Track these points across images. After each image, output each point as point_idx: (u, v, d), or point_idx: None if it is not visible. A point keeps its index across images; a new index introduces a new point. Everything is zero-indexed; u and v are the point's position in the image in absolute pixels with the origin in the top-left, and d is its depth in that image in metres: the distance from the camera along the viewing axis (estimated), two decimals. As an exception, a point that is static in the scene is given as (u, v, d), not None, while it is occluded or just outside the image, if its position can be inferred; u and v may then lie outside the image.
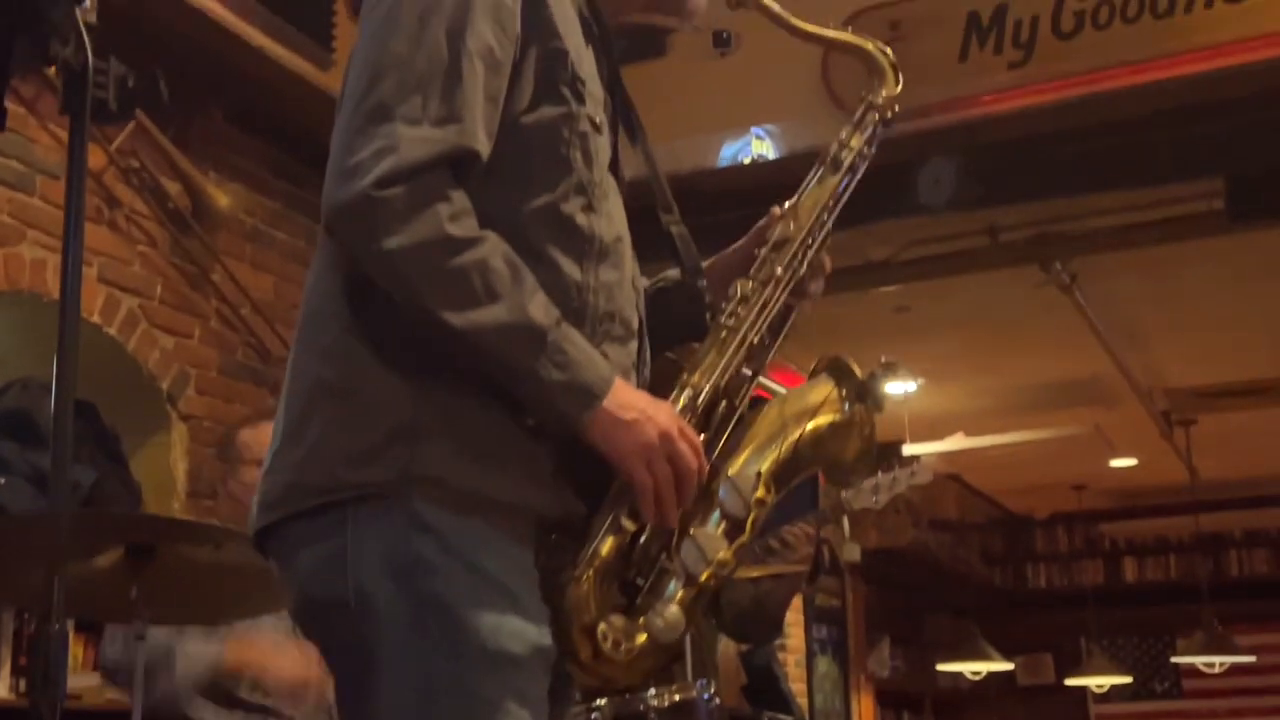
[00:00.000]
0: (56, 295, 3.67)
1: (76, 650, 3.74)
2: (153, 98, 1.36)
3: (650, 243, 1.84)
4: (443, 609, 1.44)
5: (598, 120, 1.63)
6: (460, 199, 1.48)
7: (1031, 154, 4.78)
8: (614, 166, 1.70)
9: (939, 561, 10.00)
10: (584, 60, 1.65)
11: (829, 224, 1.80)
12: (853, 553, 7.24)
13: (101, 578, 2.33)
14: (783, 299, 1.72)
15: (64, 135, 1.26)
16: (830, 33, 1.90)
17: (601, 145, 1.64)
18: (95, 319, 3.90)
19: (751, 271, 1.74)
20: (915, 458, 4.96)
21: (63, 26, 1.26)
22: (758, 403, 1.75)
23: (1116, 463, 9.96)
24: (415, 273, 1.45)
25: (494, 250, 1.48)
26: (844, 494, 4.67)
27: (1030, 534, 11.81)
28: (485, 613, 1.44)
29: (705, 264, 1.87)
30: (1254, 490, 10.43)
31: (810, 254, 1.76)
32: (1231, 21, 4.28)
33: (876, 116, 1.88)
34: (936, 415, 8.48)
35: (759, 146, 5.22)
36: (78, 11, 1.26)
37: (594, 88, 1.65)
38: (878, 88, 1.90)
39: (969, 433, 8.64)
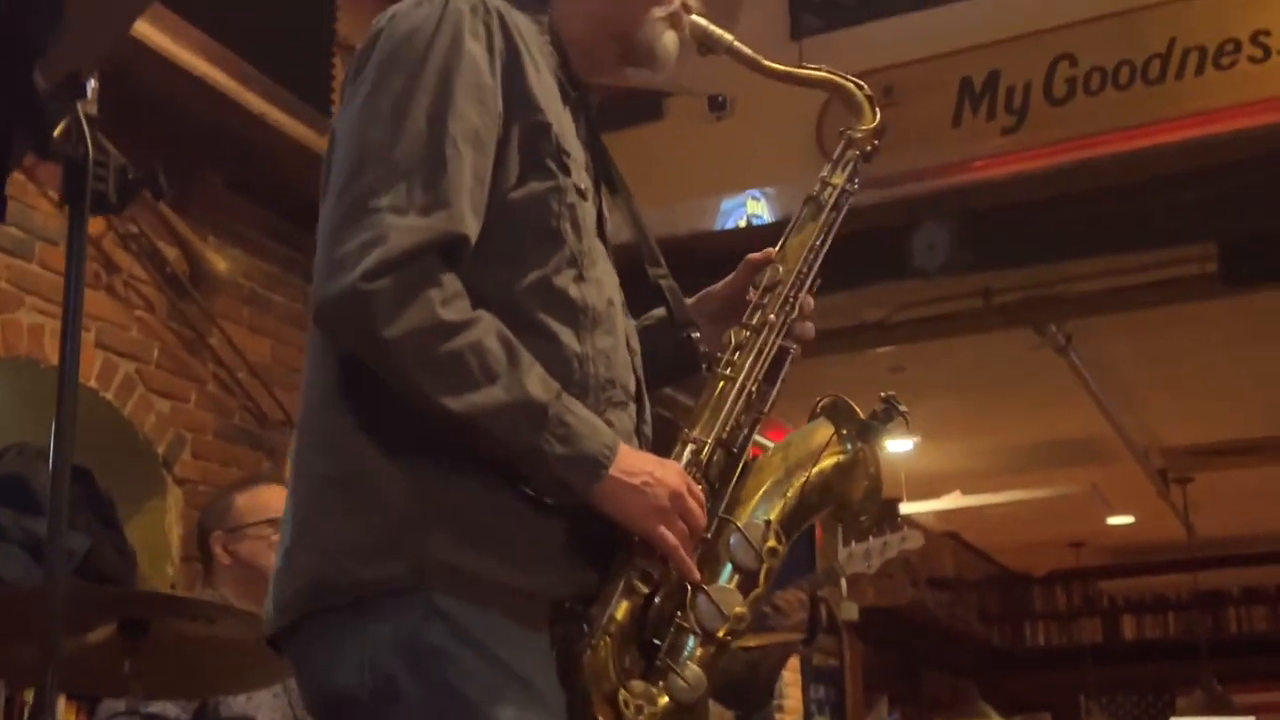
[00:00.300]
0: (53, 360, 3.68)
1: (69, 720, 3.71)
2: (153, 188, 1.36)
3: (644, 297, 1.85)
4: (462, 702, 1.43)
5: (583, 187, 1.64)
6: (451, 282, 1.47)
7: (1025, 219, 4.82)
8: (601, 228, 1.71)
9: (936, 620, 9.97)
10: (565, 127, 1.65)
11: (817, 264, 1.79)
12: (850, 612, 7.26)
13: (94, 652, 2.31)
14: (777, 344, 1.72)
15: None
16: (803, 71, 1.90)
17: (588, 210, 1.64)
18: (92, 383, 3.91)
19: (744, 319, 1.73)
20: (905, 519, 4.95)
21: (63, 119, 1.28)
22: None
23: (1114, 520, 9.96)
24: (411, 361, 1.44)
25: (488, 330, 1.47)
26: (837, 560, 4.67)
27: (1028, 592, 11.78)
28: (504, 706, 1.43)
29: (693, 300, 1.88)
30: (1251, 547, 10.43)
31: (801, 295, 1.76)
32: (1222, 88, 4.32)
33: (856, 152, 1.86)
34: (933, 474, 8.49)
35: (754, 208, 5.26)
36: (79, 105, 1.28)
37: (576, 153, 1.65)
38: (855, 123, 1.87)
39: (965, 491, 8.65)
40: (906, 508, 8.74)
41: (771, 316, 1.72)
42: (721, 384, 1.68)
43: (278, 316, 4.68)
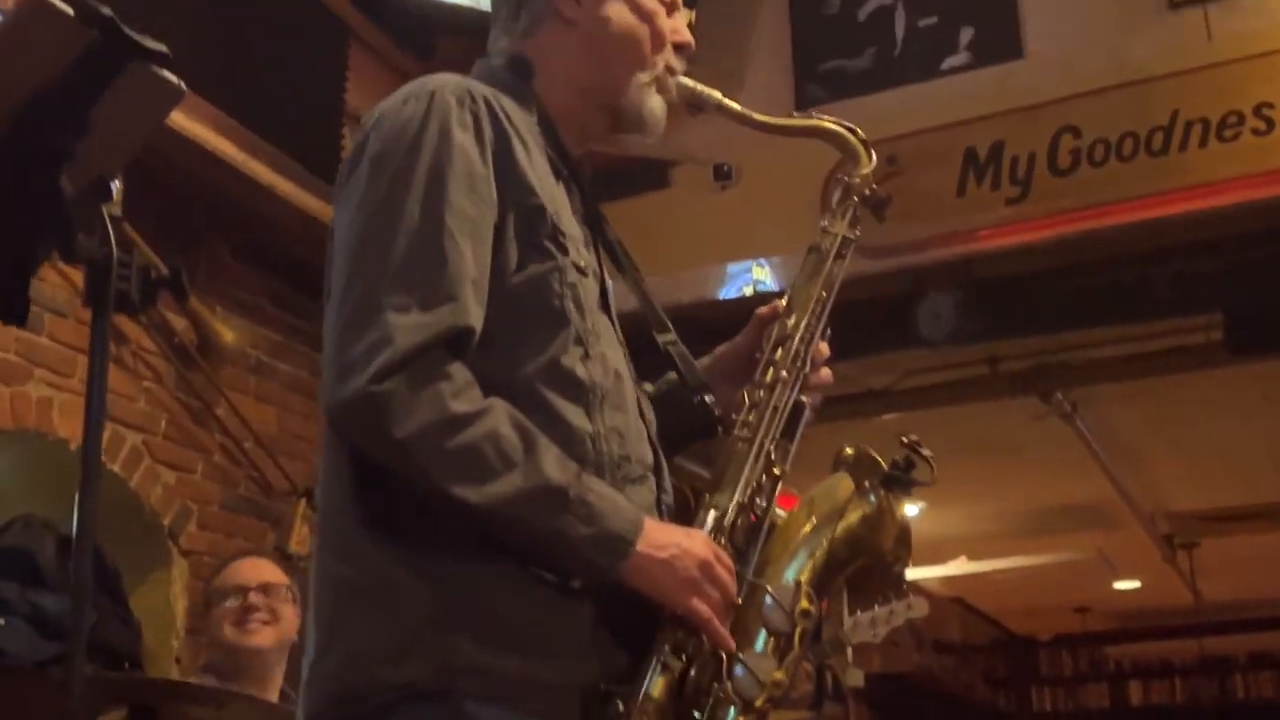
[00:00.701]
0: (60, 433, 3.68)
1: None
2: (175, 289, 1.37)
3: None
4: None
5: (582, 264, 1.63)
6: (460, 373, 1.47)
7: (1030, 289, 4.82)
8: (605, 302, 1.70)
9: (942, 685, 9.89)
10: (560, 206, 1.65)
11: (825, 314, 1.78)
12: (856, 678, 7.20)
13: (102, 734, 2.31)
14: (792, 399, 1.71)
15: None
16: (795, 121, 1.92)
17: (589, 287, 1.64)
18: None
19: (757, 376, 1.73)
20: (910, 586, 4.94)
21: (89, 222, 1.28)
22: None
23: (1120, 585, 9.92)
24: (427, 457, 1.43)
25: (501, 418, 1.47)
26: (843, 629, 4.65)
27: (1034, 656, 11.68)
28: None
29: (704, 362, 1.87)
30: (1258, 613, 10.35)
31: (811, 348, 1.75)
32: (1225, 160, 4.34)
33: (855, 198, 1.85)
34: (939, 538, 8.46)
35: (759, 275, 5.27)
36: (104, 208, 1.28)
37: (572, 229, 1.65)
38: (852, 169, 1.86)
39: (972, 556, 8.62)
40: (912, 573, 8.70)
41: (784, 373, 1.71)
42: (739, 445, 1.67)
43: (284, 385, 4.68)
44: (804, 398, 1.73)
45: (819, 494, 1.69)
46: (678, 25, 1.83)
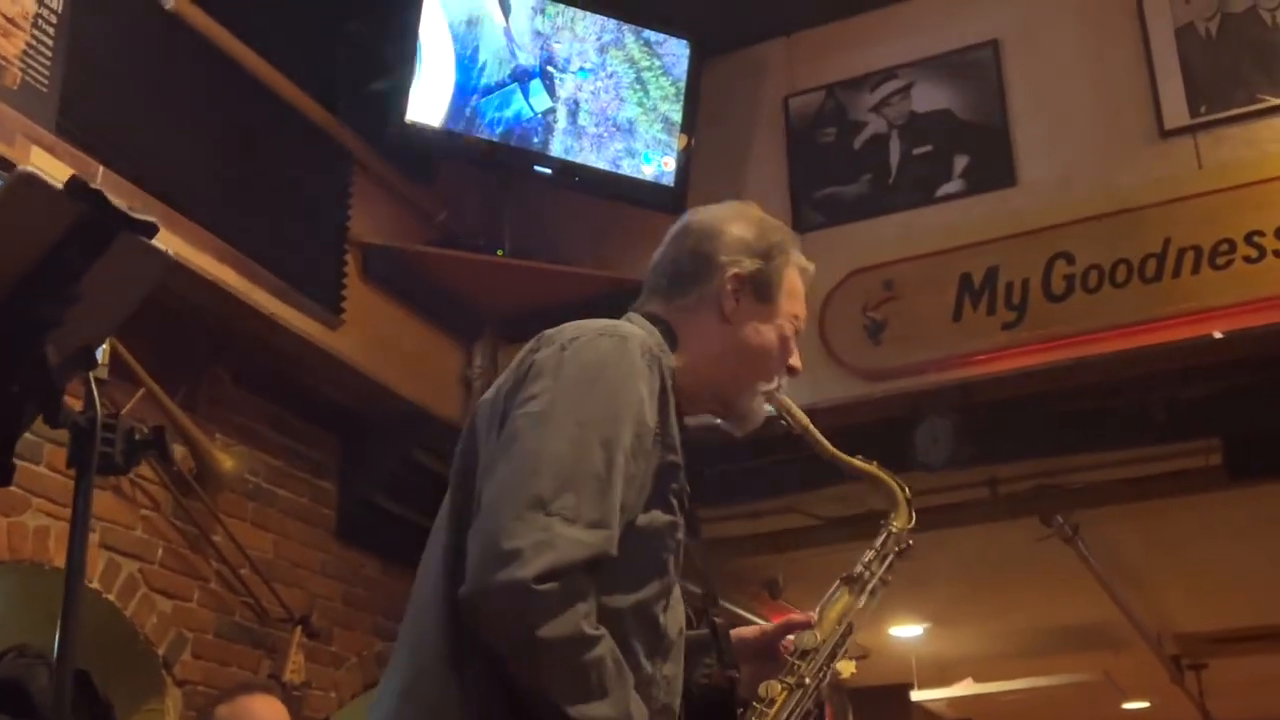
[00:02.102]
0: (57, 563, 3.66)
1: None
2: (159, 452, 1.39)
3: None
4: None
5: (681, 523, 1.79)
6: (593, 598, 1.60)
7: (1027, 413, 4.83)
8: (677, 555, 1.83)
9: (952, 812, 9.71)
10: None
11: (849, 638, 2.00)
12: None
13: None
14: (808, 706, 1.90)
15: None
16: (858, 464, 2.14)
17: (679, 544, 1.80)
18: (95, 584, 3.89)
19: (782, 675, 1.91)
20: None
21: (73, 388, 1.30)
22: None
23: (1129, 706, 9.78)
24: (554, 663, 1.56)
25: (610, 649, 1.60)
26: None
27: (1044, 778, 11.47)
28: None
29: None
30: (1271, 733, 10.20)
31: (833, 664, 1.95)
32: (1218, 287, 4.37)
33: (897, 546, 2.09)
34: (945, 660, 8.39)
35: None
36: (90, 375, 1.30)
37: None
38: (893, 518, 2.12)
39: (978, 678, 8.52)
40: (918, 695, 8.61)
41: (808, 680, 1.92)
42: None
43: (282, 511, 4.68)
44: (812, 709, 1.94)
45: None
46: (794, 349, 2.05)
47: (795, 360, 2.05)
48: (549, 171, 5.13)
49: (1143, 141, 4.77)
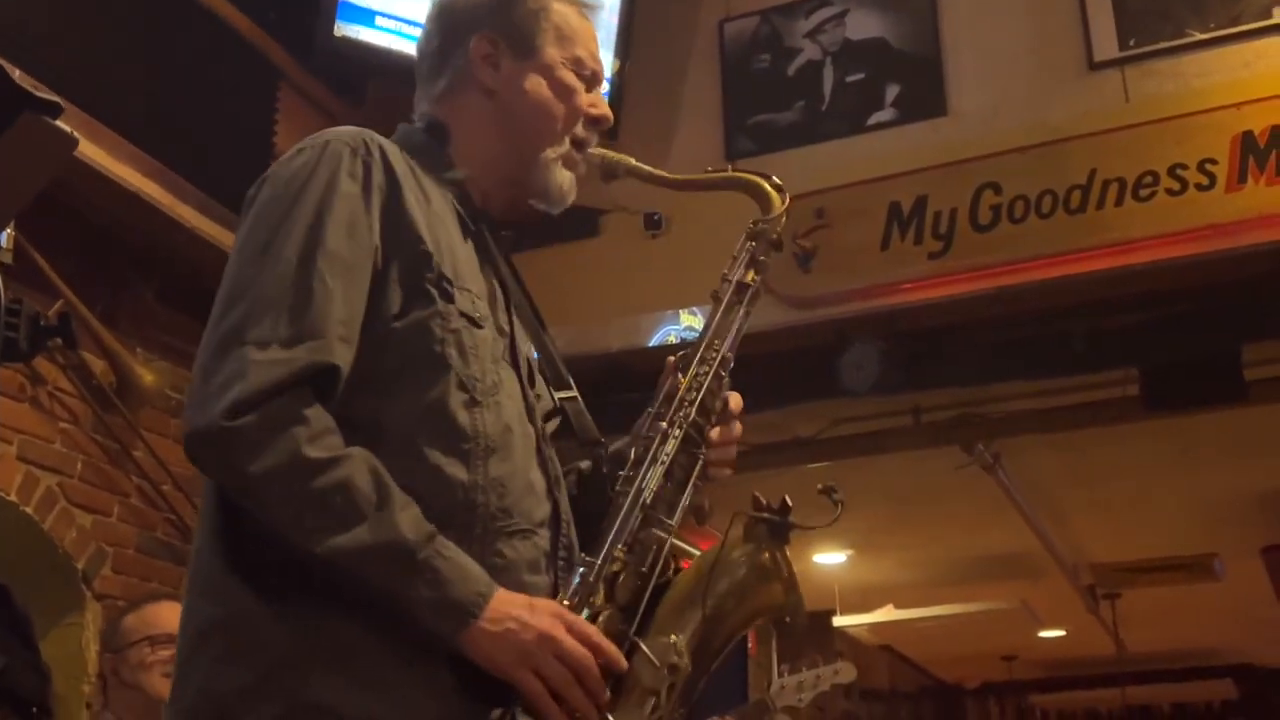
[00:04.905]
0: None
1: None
2: (65, 337, 1.37)
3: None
4: None
5: (476, 315, 1.63)
6: (319, 418, 1.47)
7: (951, 341, 4.89)
8: (512, 358, 1.70)
9: (870, 733, 9.91)
10: (458, 257, 1.66)
11: (719, 364, 1.76)
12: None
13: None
14: (678, 450, 1.68)
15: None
16: (707, 175, 1.92)
17: (483, 338, 1.64)
18: (13, 497, 3.85)
19: (642, 429, 1.72)
20: (839, 654, 4.96)
21: (-23, 272, 1.28)
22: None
23: (1045, 634, 10.00)
24: (273, 500, 1.44)
25: (358, 468, 1.46)
26: (768, 693, 4.66)
27: (961, 704, 11.76)
28: None
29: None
30: (1181, 662, 10.48)
31: (701, 398, 1.73)
32: (1141, 218, 4.43)
33: (754, 243, 1.85)
34: (866, 587, 8.51)
35: (690, 321, 5.30)
36: (-7, 258, 1.28)
37: (472, 283, 1.66)
38: (763, 213, 1.86)
39: (899, 605, 8.67)
40: (840, 620, 8.75)
41: (664, 425, 1.70)
42: (617, 499, 1.65)
43: (206, 428, 4.63)
44: (700, 450, 1.71)
45: (712, 549, 1.66)
46: (596, 99, 1.84)
47: (598, 107, 1.83)
48: (481, 93, 5.06)
49: (1072, 74, 4.80)
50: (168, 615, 3.02)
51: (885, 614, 8.74)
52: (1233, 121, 4.35)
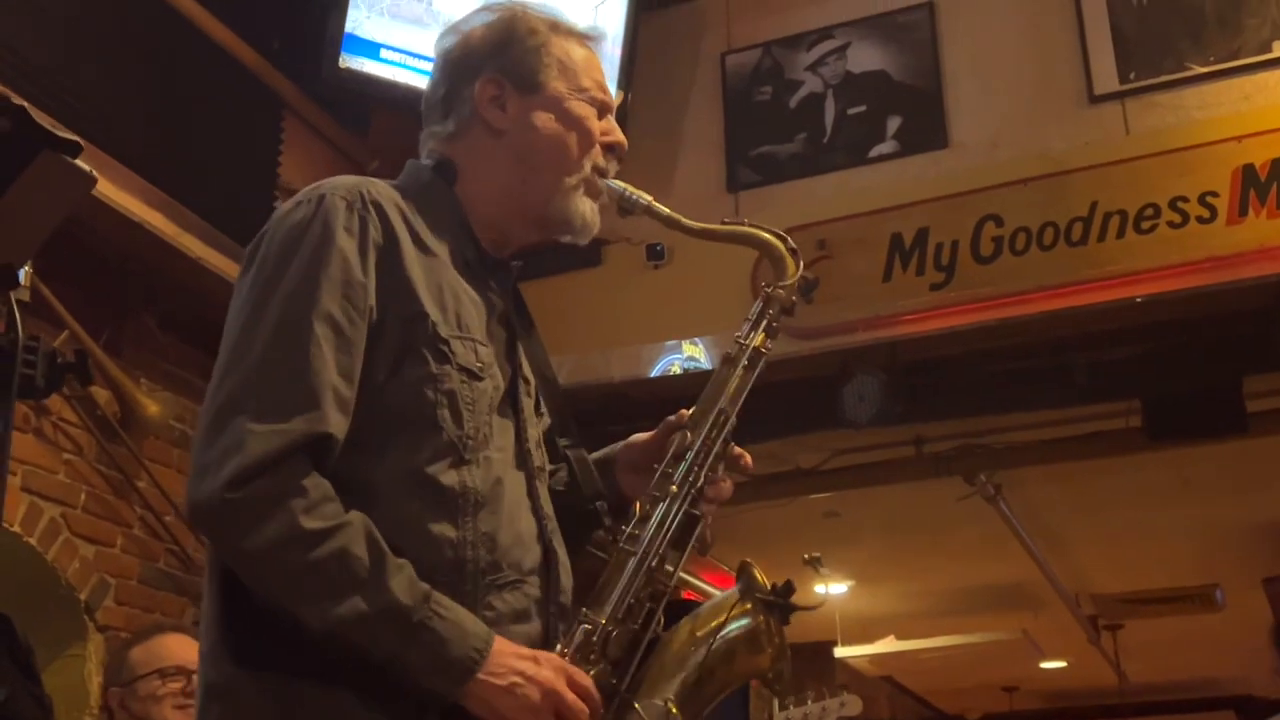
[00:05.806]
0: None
1: None
2: (80, 375, 1.37)
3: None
4: None
5: (476, 367, 1.62)
6: (317, 487, 1.46)
7: (953, 373, 4.90)
8: (512, 398, 1.69)
9: (871, 765, 9.85)
10: (462, 302, 1.65)
11: (727, 427, 1.76)
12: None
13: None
14: (682, 512, 1.69)
15: None
16: (723, 227, 1.89)
17: (481, 391, 1.62)
18: (16, 528, 3.84)
19: (651, 488, 1.71)
20: (844, 687, 4.94)
21: (-6, 308, 1.29)
22: (685, 608, 1.73)
23: (1047, 665, 9.97)
24: (272, 573, 1.44)
25: (355, 536, 1.46)
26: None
27: (963, 736, 11.70)
28: None
29: (620, 446, 1.88)
30: (1182, 693, 10.45)
31: (709, 462, 1.73)
32: (1142, 251, 4.44)
33: (773, 310, 1.83)
34: (867, 617, 8.49)
35: (691, 351, 5.31)
36: (12, 294, 1.29)
37: (476, 329, 1.65)
38: (777, 277, 1.85)
39: (900, 635, 8.64)
40: (841, 651, 8.72)
41: (673, 487, 1.69)
42: (622, 559, 1.65)
43: (209, 458, 4.63)
44: (699, 510, 1.71)
45: (705, 609, 1.71)
46: (609, 127, 1.83)
47: (612, 134, 1.82)
48: (484, 122, 5.08)
49: (1072, 106, 4.82)
50: (175, 647, 3.01)
51: (886, 645, 8.72)
52: (1234, 154, 4.38)
